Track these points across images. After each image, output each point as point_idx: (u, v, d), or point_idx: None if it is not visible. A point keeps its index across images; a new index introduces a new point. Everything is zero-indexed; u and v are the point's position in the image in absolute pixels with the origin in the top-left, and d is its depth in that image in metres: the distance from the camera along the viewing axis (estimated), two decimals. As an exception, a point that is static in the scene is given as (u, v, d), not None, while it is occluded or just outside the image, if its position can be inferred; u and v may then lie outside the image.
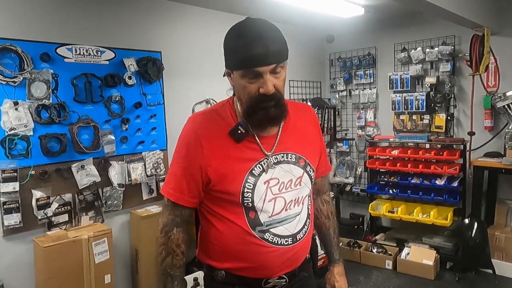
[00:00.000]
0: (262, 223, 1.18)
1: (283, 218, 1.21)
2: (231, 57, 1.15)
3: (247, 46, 1.08)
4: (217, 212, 1.22)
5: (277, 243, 1.20)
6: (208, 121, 1.23)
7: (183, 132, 1.26)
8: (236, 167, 1.18)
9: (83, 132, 2.88)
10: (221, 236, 1.21)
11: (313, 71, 4.92)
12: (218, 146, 1.18)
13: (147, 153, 3.23)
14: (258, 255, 1.19)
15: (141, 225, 3.09)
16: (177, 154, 1.25)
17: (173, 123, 3.46)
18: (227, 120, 1.22)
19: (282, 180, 1.22)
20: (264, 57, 1.08)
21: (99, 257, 2.77)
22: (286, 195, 1.22)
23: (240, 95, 1.18)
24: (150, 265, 3.15)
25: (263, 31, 1.11)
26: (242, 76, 1.12)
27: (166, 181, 1.26)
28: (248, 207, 1.17)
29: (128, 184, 3.14)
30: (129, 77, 3.09)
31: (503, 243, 3.52)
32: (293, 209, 1.23)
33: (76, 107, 2.85)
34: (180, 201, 1.21)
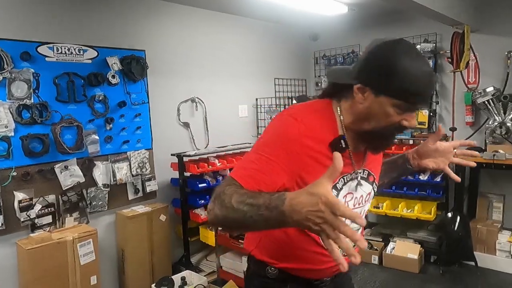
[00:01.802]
0: None
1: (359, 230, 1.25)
2: (398, 84, 1.01)
3: (426, 84, 1.03)
4: None
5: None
6: (315, 125, 1.10)
7: (285, 127, 1.08)
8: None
9: (66, 132, 2.83)
10: (288, 240, 1.18)
11: (298, 69, 4.94)
12: (316, 154, 1.09)
13: (132, 153, 3.20)
14: (321, 263, 1.21)
15: (127, 225, 3.06)
16: (268, 148, 1.06)
17: (158, 122, 3.44)
18: (328, 127, 1.13)
19: (356, 195, 1.22)
20: (429, 97, 1.08)
21: (84, 259, 2.73)
22: (356, 211, 1.22)
23: (369, 117, 1.09)
24: (136, 265, 3.13)
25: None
26: (394, 106, 1.04)
27: (243, 167, 1.05)
28: None
29: (113, 184, 3.11)
30: (112, 76, 3.05)
31: (484, 235, 3.60)
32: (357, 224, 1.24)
33: (59, 107, 2.80)
34: (241, 180, 0.99)
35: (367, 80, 1.05)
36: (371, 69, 1.04)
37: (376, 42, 1.07)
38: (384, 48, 1.04)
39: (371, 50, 1.06)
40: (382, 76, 1.02)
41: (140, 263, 3.15)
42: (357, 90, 1.07)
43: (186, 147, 3.66)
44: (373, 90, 1.05)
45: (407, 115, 1.06)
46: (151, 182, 3.34)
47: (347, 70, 1.13)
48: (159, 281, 3.05)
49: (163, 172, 3.47)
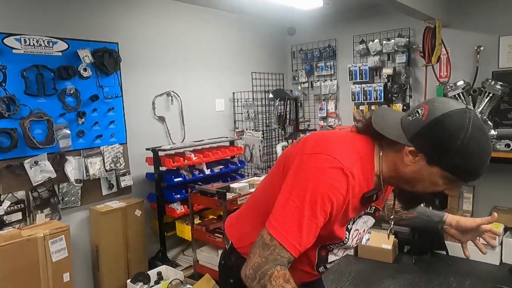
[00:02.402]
0: (327, 261, 1.22)
1: (343, 256, 1.29)
2: (458, 162, 0.95)
3: (484, 165, 0.98)
4: None
5: (322, 272, 1.27)
6: (360, 178, 1.03)
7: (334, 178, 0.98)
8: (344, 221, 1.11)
9: (36, 126, 2.76)
10: None
11: (276, 63, 4.95)
12: (354, 202, 1.05)
13: (105, 147, 3.14)
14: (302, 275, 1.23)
15: (101, 221, 3.02)
16: (311, 196, 0.96)
17: (133, 116, 3.39)
18: (365, 177, 1.05)
19: (360, 230, 1.22)
20: (483, 173, 1.01)
21: (56, 255, 2.68)
22: (355, 239, 1.23)
23: (413, 181, 1.03)
24: (111, 262, 3.08)
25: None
26: (444, 178, 0.99)
27: (282, 222, 0.97)
28: (326, 248, 1.19)
29: (86, 180, 3.05)
30: (84, 69, 2.99)
31: (455, 225, 3.71)
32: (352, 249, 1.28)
33: (27, 101, 2.72)
34: (295, 253, 0.97)
35: (424, 148, 0.97)
36: (432, 140, 0.96)
37: (442, 107, 0.96)
38: (452, 120, 0.94)
39: (436, 118, 0.95)
40: (443, 150, 0.95)
41: (115, 259, 3.11)
42: (408, 152, 0.99)
43: (162, 142, 3.63)
44: (427, 158, 0.98)
45: (451, 186, 1.02)
46: (126, 177, 3.29)
47: (398, 122, 1.03)
48: (134, 277, 3.02)
49: (138, 167, 3.42)
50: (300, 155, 1.03)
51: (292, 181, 1.00)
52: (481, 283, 3.15)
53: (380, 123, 1.06)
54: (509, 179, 3.72)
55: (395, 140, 1.02)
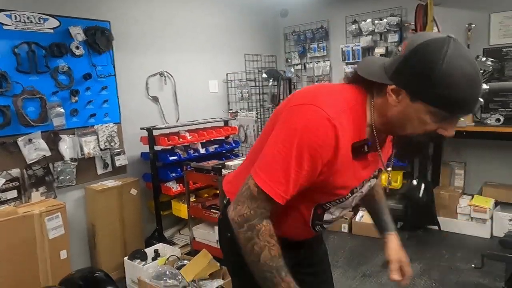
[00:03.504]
0: (323, 220, 1.21)
1: (341, 217, 1.27)
2: (440, 91, 0.88)
3: (472, 94, 0.90)
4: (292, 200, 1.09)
5: (318, 231, 1.26)
6: (349, 129, 0.99)
7: (320, 129, 0.95)
8: (347, 183, 1.09)
9: (29, 104, 2.74)
10: (281, 213, 1.14)
11: (268, 45, 4.94)
12: (347, 154, 1.01)
13: (99, 126, 3.13)
14: (298, 232, 1.24)
15: (97, 199, 3.02)
16: (297, 146, 0.96)
17: (126, 96, 3.37)
18: (359, 127, 1.02)
19: (364, 192, 1.20)
20: (474, 108, 0.94)
21: (53, 233, 2.68)
22: (356, 202, 1.22)
23: (403, 123, 0.98)
24: (108, 240, 3.10)
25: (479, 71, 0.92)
26: (432, 114, 0.92)
27: (268, 172, 0.99)
28: (322, 207, 1.16)
29: (81, 158, 3.05)
30: (76, 47, 2.96)
31: (447, 201, 3.78)
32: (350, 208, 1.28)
33: (20, 78, 2.69)
34: (281, 200, 1.00)
35: (404, 83, 0.93)
36: (410, 71, 0.91)
37: (420, 38, 0.92)
38: (429, 48, 0.89)
39: (414, 48, 0.91)
40: (422, 81, 0.89)
41: (112, 237, 3.12)
42: (391, 91, 0.95)
43: (156, 122, 3.62)
44: (409, 94, 0.93)
45: (444, 124, 0.94)
46: (121, 156, 3.29)
47: (381, 65, 1.00)
48: (131, 254, 3.03)
49: (133, 147, 3.42)
50: (287, 107, 1.03)
51: (279, 132, 1.00)
52: (472, 255, 3.23)
53: (365, 69, 1.04)
54: (499, 154, 3.79)
55: (378, 82, 0.98)
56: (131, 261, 2.98)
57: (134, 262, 2.98)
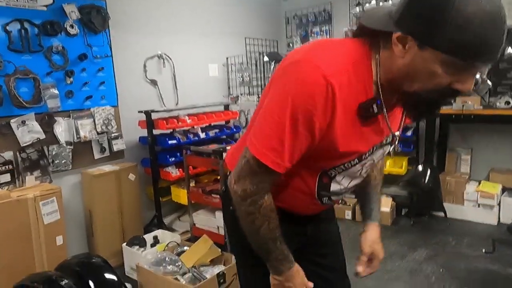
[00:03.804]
0: (330, 191, 1.10)
1: (348, 190, 1.15)
2: (451, 34, 0.75)
3: (493, 35, 0.75)
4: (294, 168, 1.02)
5: (327, 204, 1.17)
6: (348, 85, 0.88)
7: (312, 86, 0.85)
8: (353, 147, 0.98)
9: (22, 84, 2.63)
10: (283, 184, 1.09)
11: (270, 29, 4.81)
12: (348, 115, 0.91)
13: (96, 109, 3.03)
14: (303, 205, 1.15)
15: (94, 184, 2.92)
16: (291, 111, 0.87)
17: (124, 78, 3.26)
18: (361, 86, 0.91)
19: (375, 160, 1.09)
20: (497, 55, 0.78)
21: (48, 218, 2.59)
22: (366, 173, 1.12)
23: (411, 76, 0.85)
24: (106, 227, 3.01)
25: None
26: (444, 63, 0.79)
27: (262, 140, 0.93)
28: (327, 175, 1.06)
29: (77, 142, 2.94)
30: (71, 26, 2.84)
31: (453, 187, 3.70)
32: (360, 179, 1.15)
33: (11, 57, 2.58)
34: (280, 169, 0.94)
35: (410, 27, 0.80)
36: (417, 12, 0.78)
37: None
38: None
39: None
40: (431, 22, 0.76)
41: (110, 224, 3.03)
42: (396, 39, 0.83)
43: (155, 106, 3.51)
44: (417, 41, 0.80)
45: (459, 77, 0.81)
46: (118, 140, 3.19)
47: (387, 13, 0.87)
48: (130, 240, 2.95)
49: (131, 131, 3.32)
50: (281, 67, 0.93)
51: (271, 97, 0.92)
52: (479, 241, 3.15)
53: (369, 18, 0.92)
54: (507, 139, 3.69)
55: (383, 30, 0.86)
56: (130, 247, 2.90)
57: (133, 248, 2.90)
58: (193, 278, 2.48)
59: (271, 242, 1.03)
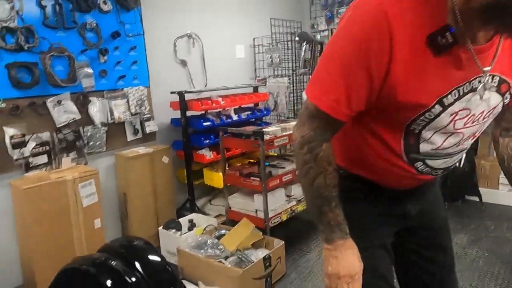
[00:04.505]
0: (420, 152, 0.96)
1: (449, 153, 0.97)
2: None
3: None
4: (371, 127, 0.96)
5: (425, 173, 1.00)
6: (410, 10, 0.77)
7: (364, 17, 0.79)
8: (427, 86, 0.83)
9: (57, 62, 2.53)
10: (366, 150, 1.00)
11: (293, 10, 4.68)
12: (413, 48, 0.79)
13: (129, 89, 2.93)
14: (396, 177, 1.02)
15: (128, 167, 2.85)
16: (343, 48, 0.83)
17: (154, 58, 3.17)
18: (430, 11, 0.78)
19: (473, 112, 0.89)
20: None
21: (87, 200, 2.52)
22: (467, 130, 0.92)
23: None
24: (140, 210, 2.95)
25: None
26: None
27: (317, 83, 0.89)
28: (412, 133, 0.92)
29: (111, 123, 2.86)
30: (104, 2, 2.73)
31: (488, 171, 3.62)
32: (465, 144, 0.97)
33: (46, 33, 2.48)
34: (338, 115, 0.87)
35: None
36: None
37: None
38: None
39: None
40: None
41: (144, 207, 2.97)
42: None
43: (184, 87, 3.41)
44: None
45: None
46: (150, 122, 3.10)
47: None
48: (166, 224, 2.89)
49: (161, 113, 3.23)
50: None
51: (329, 40, 0.90)
52: (520, 225, 3.09)
53: None
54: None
55: None
56: (166, 231, 2.84)
57: (169, 232, 2.84)
58: (239, 261, 2.42)
59: (325, 200, 0.94)
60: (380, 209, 1.10)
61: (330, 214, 0.94)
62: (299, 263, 2.73)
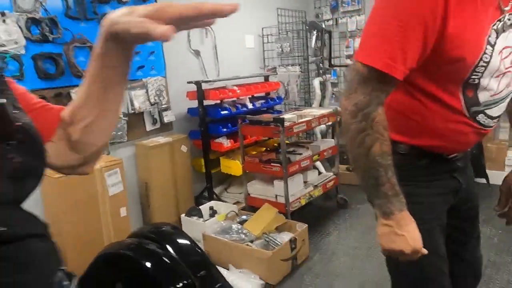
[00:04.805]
0: (480, 103, 0.98)
1: (503, 97, 1.00)
2: None
3: None
4: (427, 89, 0.97)
5: (486, 125, 1.03)
6: None
7: None
8: (475, 29, 0.87)
9: (79, 53, 2.55)
10: (426, 114, 1.01)
11: (298, 1, 4.71)
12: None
13: (148, 79, 2.96)
14: (461, 136, 1.03)
15: (150, 156, 2.89)
16: (397, 5, 0.86)
17: (170, 48, 3.18)
18: None
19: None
20: None
21: (113, 189, 2.56)
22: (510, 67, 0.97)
23: None
24: (161, 198, 3.00)
25: None
26: None
27: (368, 45, 0.91)
28: (471, 84, 0.95)
29: (131, 113, 2.89)
30: (122, -7, 2.75)
31: (494, 153, 3.74)
32: (508, 77, 1.00)
33: (69, 24, 2.49)
34: (394, 73, 0.87)
35: None
36: None
37: None
38: None
39: None
40: None
41: (165, 196, 3.02)
42: None
43: (198, 77, 3.44)
44: None
45: None
46: (168, 112, 3.14)
47: None
48: (187, 212, 2.94)
49: (177, 102, 3.26)
50: None
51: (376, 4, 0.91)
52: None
53: None
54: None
55: None
56: (189, 218, 2.90)
57: (192, 218, 2.89)
58: (266, 244, 2.49)
59: (382, 169, 0.92)
60: (439, 187, 1.12)
61: (388, 185, 0.92)
62: (320, 246, 2.81)
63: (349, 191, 3.59)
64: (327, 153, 3.20)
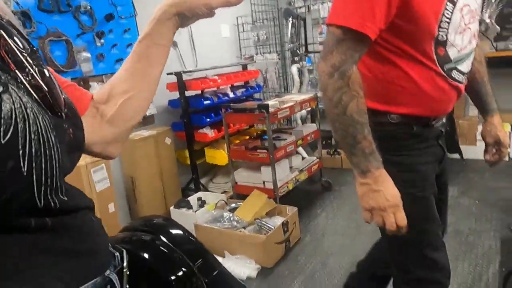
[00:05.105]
0: (451, 59, 1.05)
1: (468, 53, 1.09)
2: None
3: None
4: (403, 50, 1.03)
5: (460, 81, 1.10)
6: None
7: None
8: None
9: (55, 47, 2.47)
10: (407, 77, 1.05)
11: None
12: None
13: (127, 72, 2.90)
14: (442, 94, 1.08)
15: (135, 149, 2.85)
16: None
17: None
18: None
19: (472, 7, 1.04)
20: None
21: (99, 185, 2.51)
22: (472, 26, 1.07)
23: None
24: (148, 193, 2.96)
25: None
26: None
27: (339, 9, 0.97)
28: (439, 41, 1.02)
29: (112, 108, 2.82)
30: (95, -17, 2.67)
31: (466, 129, 3.92)
32: (473, 43, 1.10)
33: (42, 17, 2.40)
34: (367, 31, 0.93)
35: None
36: None
37: None
38: None
39: None
40: None
41: (152, 190, 2.99)
42: None
43: (176, 68, 3.40)
44: None
45: None
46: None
47: None
48: (176, 204, 2.93)
49: (157, 95, 3.17)
50: None
51: None
52: (499, 174, 3.39)
53: None
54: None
55: None
56: (178, 209, 2.88)
57: (181, 210, 2.88)
58: (258, 229, 2.52)
59: (359, 126, 0.96)
60: (430, 155, 1.17)
61: (364, 142, 0.96)
62: (310, 228, 2.87)
63: (332, 174, 3.67)
64: (310, 138, 3.25)
